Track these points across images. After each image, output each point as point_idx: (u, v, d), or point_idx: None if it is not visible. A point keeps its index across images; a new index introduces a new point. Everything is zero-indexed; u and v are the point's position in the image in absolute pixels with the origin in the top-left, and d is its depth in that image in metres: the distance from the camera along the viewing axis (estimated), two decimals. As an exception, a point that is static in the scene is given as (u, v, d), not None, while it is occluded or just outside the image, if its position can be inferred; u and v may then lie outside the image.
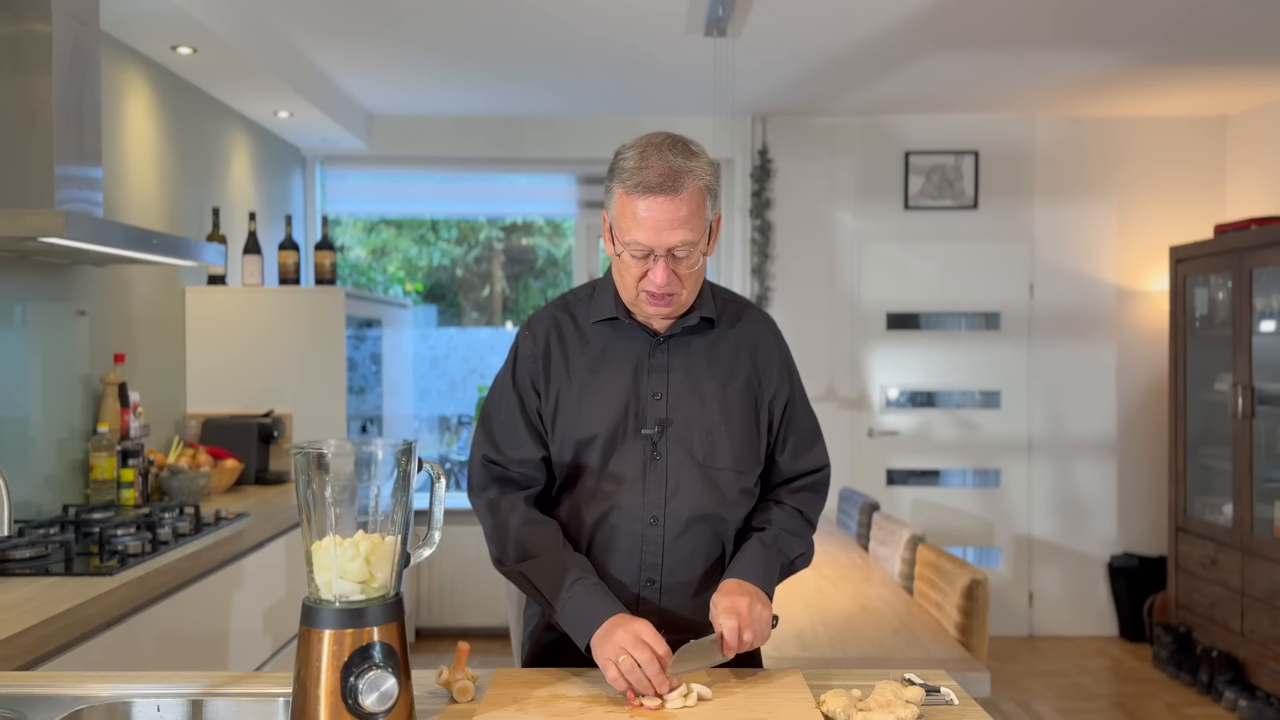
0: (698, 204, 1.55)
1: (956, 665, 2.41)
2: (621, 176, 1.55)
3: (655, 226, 1.53)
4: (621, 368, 1.67)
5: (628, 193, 1.54)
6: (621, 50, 4.20)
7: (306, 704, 1.27)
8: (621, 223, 1.56)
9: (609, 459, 1.65)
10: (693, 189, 1.54)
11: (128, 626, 2.30)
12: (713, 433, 1.66)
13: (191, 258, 3.02)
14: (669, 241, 1.54)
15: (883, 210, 5.34)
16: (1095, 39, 4.07)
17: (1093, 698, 4.41)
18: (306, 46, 4.12)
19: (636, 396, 1.66)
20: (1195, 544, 4.67)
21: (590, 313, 1.70)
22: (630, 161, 1.55)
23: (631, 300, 1.63)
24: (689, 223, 1.54)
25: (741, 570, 1.62)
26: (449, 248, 6.34)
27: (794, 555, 1.70)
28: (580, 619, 1.52)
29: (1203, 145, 5.31)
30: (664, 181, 1.52)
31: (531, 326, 1.72)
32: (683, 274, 1.58)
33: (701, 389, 1.67)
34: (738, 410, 1.68)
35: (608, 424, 1.64)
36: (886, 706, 1.37)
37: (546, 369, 1.69)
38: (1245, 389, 4.32)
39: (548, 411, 1.68)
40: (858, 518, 4.17)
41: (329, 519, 1.33)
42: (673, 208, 1.52)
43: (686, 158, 1.55)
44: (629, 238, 1.55)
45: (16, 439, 2.87)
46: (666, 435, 1.65)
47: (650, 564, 1.65)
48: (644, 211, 1.53)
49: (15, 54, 2.52)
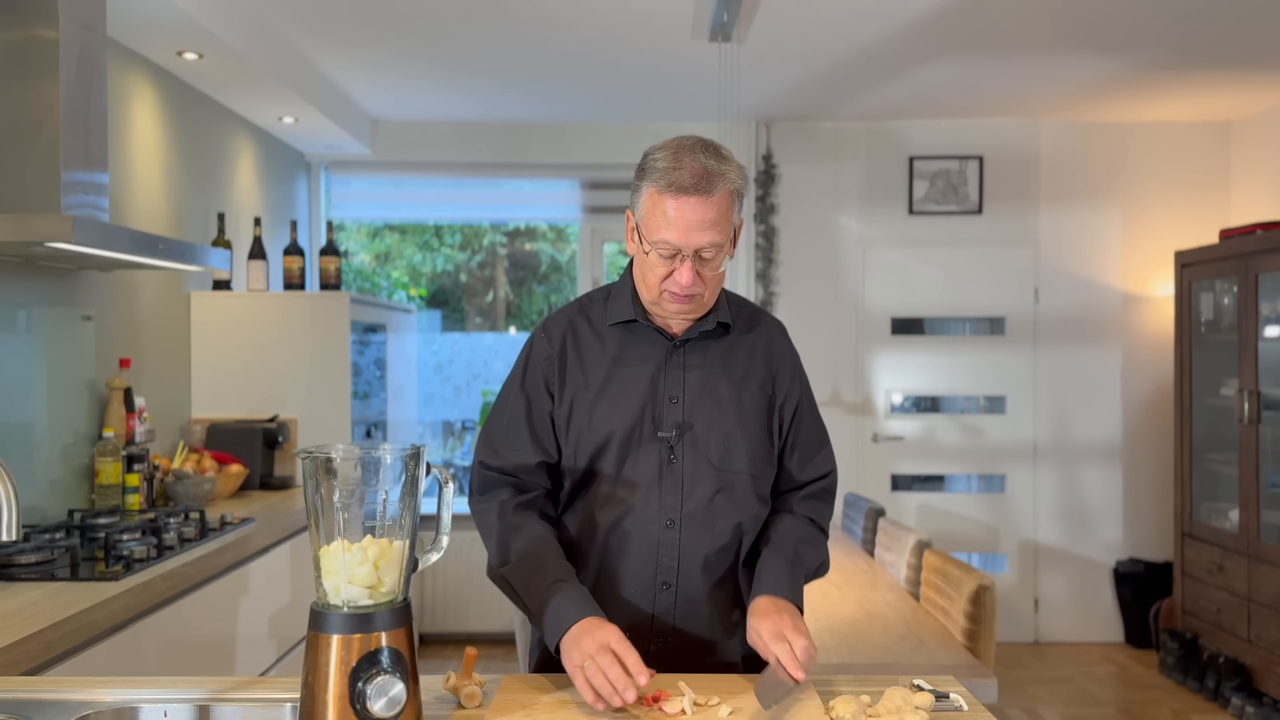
0: (727, 207, 1.55)
1: (964, 671, 2.40)
2: (653, 176, 1.55)
3: (685, 227, 1.53)
4: (638, 370, 1.66)
5: (660, 192, 1.54)
6: (626, 56, 4.20)
7: (314, 709, 1.27)
8: (650, 221, 1.56)
9: (624, 462, 1.64)
10: (724, 192, 1.55)
11: (133, 632, 2.30)
12: (729, 436, 1.65)
13: (197, 263, 3.02)
14: (697, 242, 1.54)
15: (887, 215, 5.34)
16: (1099, 44, 4.06)
17: (1099, 704, 4.39)
18: (312, 52, 4.13)
19: (653, 399, 1.65)
20: (1201, 549, 4.66)
21: (607, 315, 1.70)
22: (663, 162, 1.55)
23: (654, 300, 1.63)
24: (717, 225, 1.55)
25: (770, 586, 1.59)
26: (453, 253, 6.35)
27: (814, 566, 1.69)
28: (552, 621, 1.50)
29: (1208, 150, 5.31)
30: (696, 182, 1.53)
31: (547, 328, 1.72)
32: (706, 275, 1.58)
33: (717, 393, 1.67)
34: (753, 414, 1.68)
35: (624, 427, 1.64)
36: (896, 712, 1.37)
37: (562, 371, 1.68)
38: (1251, 394, 4.31)
39: (562, 414, 1.67)
40: (863, 523, 4.16)
41: (337, 523, 1.32)
42: (703, 209, 1.53)
43: (719, 161, 1.56)
44: (658, 236, 1.55)
45: (22, 444, 2.87)
46: (683, 439, 1.64)
47: (666, 568, 1.64)
48: (674, 211, 1.53)
49: (22, 59, 2.53)
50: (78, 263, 2.91)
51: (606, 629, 1.43)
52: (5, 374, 2.80)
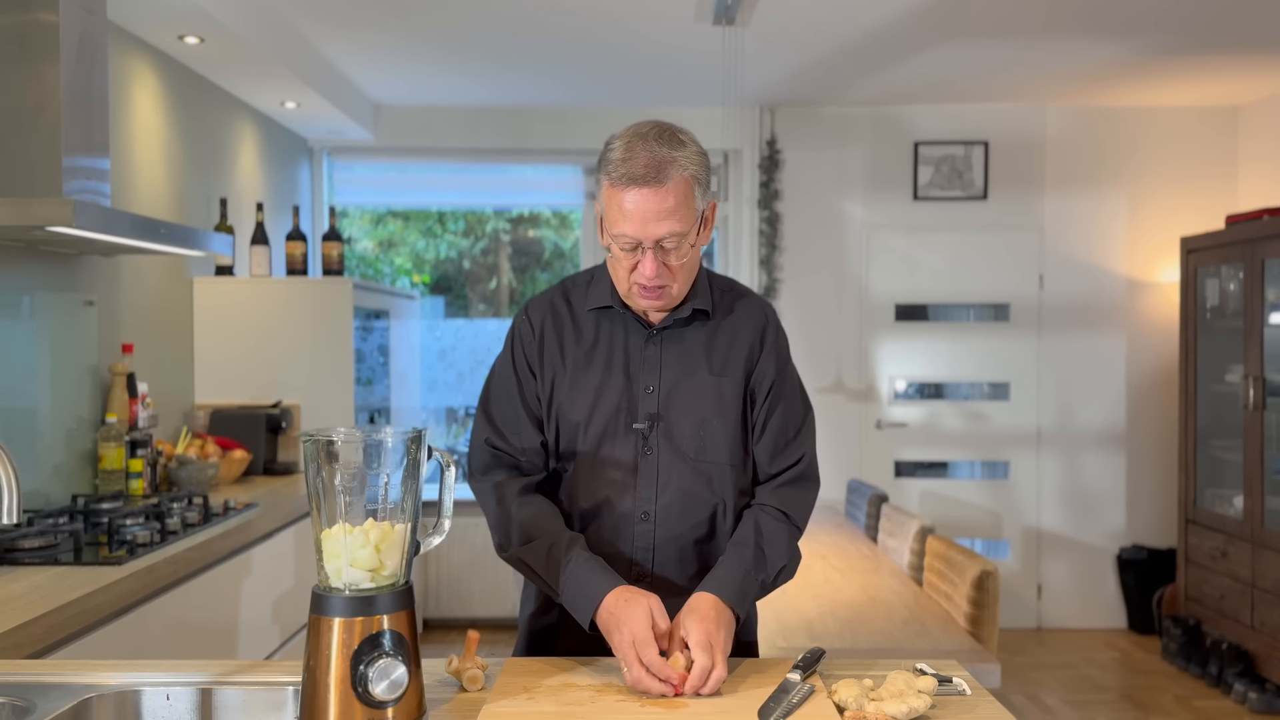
0: (684, 194, 1.52)
1: (966, 656, 2.40)
2: (608, 168, 1.53)
3: (641, 218, 1.50)
4: (613, 359, 1.65)
5: (613, 185, 1.52)
6: (629, 40, 4.18)
7: (316, 692, 1.27)
8: (610, 215, 1.54)
9: (600, 452, 1.63)
10: (678, 179, 1.51)
11: (137, 616, 2.30)
12: (704, 426, 1.63)
13: (199, 248, 3.02)
14: (656, 233, 1.51)
15: (892, 201, 5.32)
16: (1106, 28, 4.04)
17: (1101, 690, 4.40)
18: (314, 37, 4.11)
19: (628, 390, 1.63)
20: (1205, 536, 4.65)
21: (587, 300, 1.68)
22: (616, 153, 1.52)
23: (625, 293, 1.61)
24: (676, 214, 1.51)
25: (717, 586, 1.53)
26: (456, 240, 6.34)
27: (776, 570, 1.59)
28: (581, 597, 1.49)
29: (1214, 135, 5.28)
30: (648, 173, 1.49)
31: (528, 311, 1.71)
32: (673, 265, 1.55)
33: (695, 382, 1.64)
34: (732, 403, 1.65)
35: (599, 417, 1.63)
36: (899, 696, 1.36)
37: (541, 354, 1.67)
38: (1256, 380, 4.29)
39: (544, 398, 1.67)
40: (866, 509, 4.16)
41: (339, 507, 1.32)
42: (658, 199, 1.50)
43: (673, 147, 1.52)
44: (616, 230, 1.53)
45: (25, 429, 2.87)
46: (657, 430, 1.62)
47: (641, 559, 1.63)
48: (630, 204, 1.51)
49: (23, 44, 2.52)
50: (80, 248, 2.90)
51: (640, 604, 1.43)
52: (8, 359, 2.80)
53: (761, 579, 1.58)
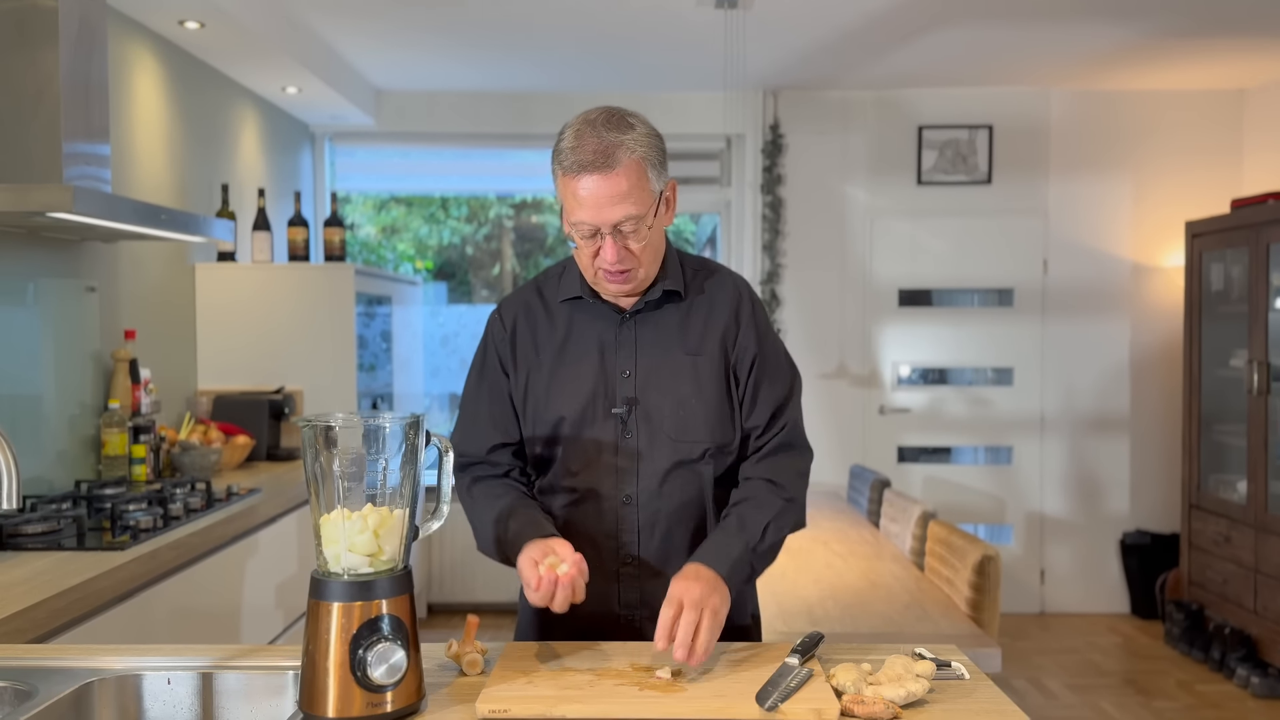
0: (637, 177, 1.52)
1: (967, 641, 2.40)
2: (560, 158, 1.53)
3: (596, 204, 1.51)
4: (589, 347, 1.65)
5: (566, 173, 1.53)
6: (632, 24, 4.16)
7: (315, 676, 1.27)
8: (566, 204, 1.55)
9: (580, 440, 1.64)
10: (628, 162, 1.51)
11: (139, 601, 2.31)
12: (683, 406, 1.62)
13: (201, 234, 3.02)
14: (611, 218, 1.51)
15: (895, 185, 5.30)
16: (1111, 10, 4.01)
17: (1104, 674, 4.41)
18: (315, 21, 4.09)
19: (605, 376, 1.64)
20: (1208, 521, 4.65)
21: (559, 292, 1.69)
22: (567, 142, 1.53)
23: (593, 280, 1.61)
24: (630, 197, 1.51)
25: (703, 554, 1.55)
26: (459, 225, 6.33)
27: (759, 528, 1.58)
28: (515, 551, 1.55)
29: (1219, 119, 5.25)
30: (596, 159, 1.50)
31: (501, 309, 1.72)
32: (634, 249, 1.55)
33: (671, 363, 1.64)
34: (710, 381, 1.64)
35: (577, 405, 1.63)
36: (897, 680, 1.36)
37: (514, 352, 1.68)
38: (1261, 365, 4.28)
39: (518, 395, 1.68)
40: (868, 494, 4.16)
41: (337, 492, 1.32)
42: (609, 184, 1.50)
43: (620, 131, 1.52)
44: (575, 218, 1.54)
45: (29, 415, 2.88)
46: (636, 413, 1.63)
47: (627, 544, 1.64)
48: (583, 190, 1.51)
49: (22, 29, 2.51)
50: (81, 234, 2.90)
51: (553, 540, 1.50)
52: (12, 346, 2.80)
53: (745, 539, 1.57)
